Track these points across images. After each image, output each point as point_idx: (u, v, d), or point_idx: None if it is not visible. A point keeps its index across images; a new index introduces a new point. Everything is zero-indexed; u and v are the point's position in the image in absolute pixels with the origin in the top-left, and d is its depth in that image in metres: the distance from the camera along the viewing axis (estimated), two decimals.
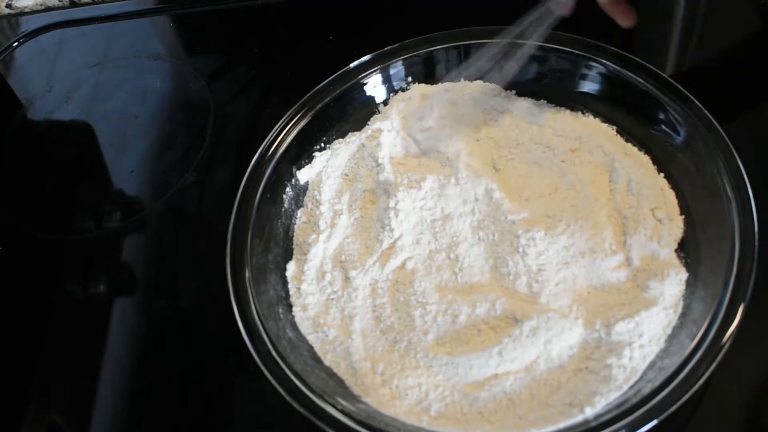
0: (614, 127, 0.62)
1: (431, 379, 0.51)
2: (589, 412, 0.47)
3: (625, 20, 0.60)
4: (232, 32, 0.85)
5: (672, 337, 0.50)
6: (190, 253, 0.67)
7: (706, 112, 0.56)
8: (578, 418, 0.47)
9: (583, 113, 0.63)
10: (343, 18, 0.81)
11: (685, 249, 0.55)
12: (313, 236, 0.60)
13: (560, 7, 0.57)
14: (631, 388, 0.48)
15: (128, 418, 0.57)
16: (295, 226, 0.61)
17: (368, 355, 0.53)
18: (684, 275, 0.53)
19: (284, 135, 0.62)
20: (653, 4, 0.79)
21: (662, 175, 0.58)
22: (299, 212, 0.62)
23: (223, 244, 0.55)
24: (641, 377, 0.48)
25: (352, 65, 0.65)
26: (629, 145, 0.60)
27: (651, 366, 0.49)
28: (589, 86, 0.63)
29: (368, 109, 0.66)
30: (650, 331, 0.50)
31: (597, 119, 0.62)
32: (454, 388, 0.50)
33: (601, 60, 0.61)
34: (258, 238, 0.57)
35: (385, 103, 0.66)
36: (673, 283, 0.52)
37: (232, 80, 0.79)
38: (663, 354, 0.49)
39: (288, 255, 0.60)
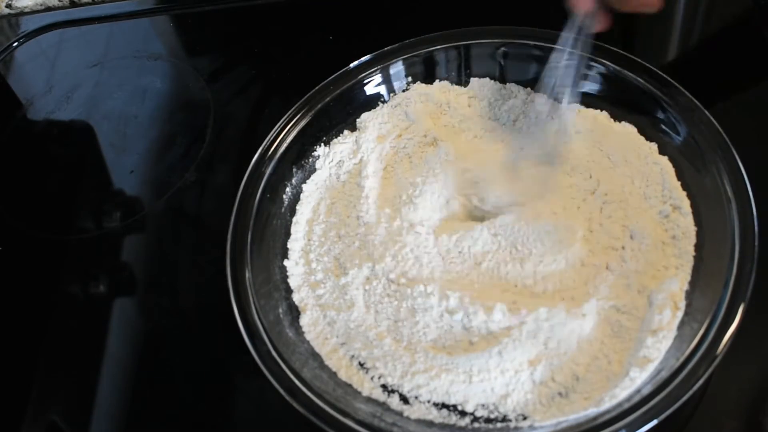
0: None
1: (431, 379, 0.51)
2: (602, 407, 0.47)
3: (650, 6, 0.54)
4: (232, 32, 0.85)
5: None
6: (190, 253, 0.67)
7: (706, 112, 0.56)
8: (590, 412, 0.47)
9: None
10: (343, 18, 0.81)
11: None
12: (314, 236, 0.60)
13: (593, 25, 0.54)
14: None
15: (128, 418, 0.57)
16: (295, 226, 0.61)
17: (368, 355, 0.53)
18: (684, 275, 0.53)
19: (284, 135, 0.62)
20: None
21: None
22: (298, 211, 0.62)
23: (223, 244, 0.56)
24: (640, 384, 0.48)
25: (352, 65, 0.65)
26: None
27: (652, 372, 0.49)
28: (589, 86, 0.63)
29: (368, 109, 0.66)
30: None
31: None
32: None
33: (601, 60, 0.61)
34: (258, 238, 0.57)
35: (385, 101, 0.66)
36: (673, 283, 0.52)
37: (232, 80, 0.79)
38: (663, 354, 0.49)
39: (287, 255, 0.60)
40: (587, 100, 0.63)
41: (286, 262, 0.59)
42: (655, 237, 0.55)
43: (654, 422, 0.44)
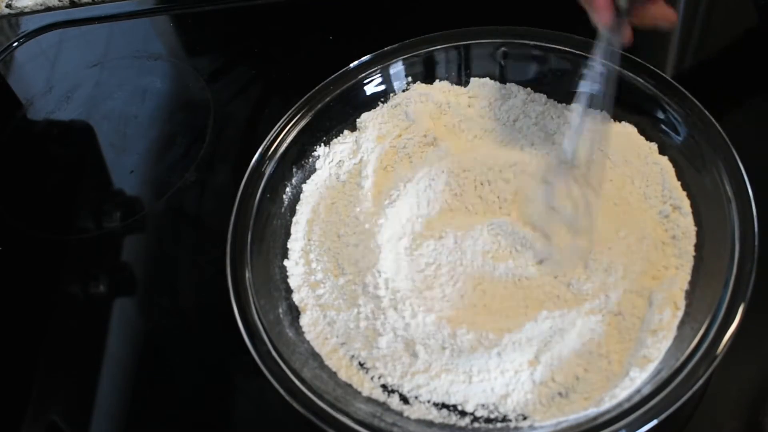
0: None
1: (431, 379, 0.51)
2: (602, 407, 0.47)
3: (667, 20, 0.55)
4: (232, 32, 0.85)
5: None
6: (190, 253, 0.67)
7: (706, 112, 0.56)
8: (590, 412, 0.47)
9: None
10: (343, 18, 0.81)
11: None
12: (314, 236, 0.60)
13: (618, 39, 0.54)
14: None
15: (128, 418, 0.57)
16: (295, 226, 0.61)
17: (368, 355, 0.53)
18: (684, 275, 0.53)
19: (284, 135, 0.62)
20: None
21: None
22: (298, 211, 0.62)
23: (223, 244, 0.56)
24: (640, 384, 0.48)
25: (352, 65, 0.65)
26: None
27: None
28: (589, 86, 0.63)
29: (368, 109, 0.66)
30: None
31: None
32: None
33: (602, 60, 0.61)
34: (258, 238, 0.57)
35: (385, 101, 0.66)
36: (673, 283, 0.52)
37: (232, 80, 0.79)
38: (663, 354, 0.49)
39: (287, 255, 0.60)
40: (587, 101, 0.63)
41: (286, 262, 0.59)
42: (655, 237, 0.55)
43: (654, 422, 0.44)
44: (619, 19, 0.53)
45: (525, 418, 0.49)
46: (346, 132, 0.65)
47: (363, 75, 0.65)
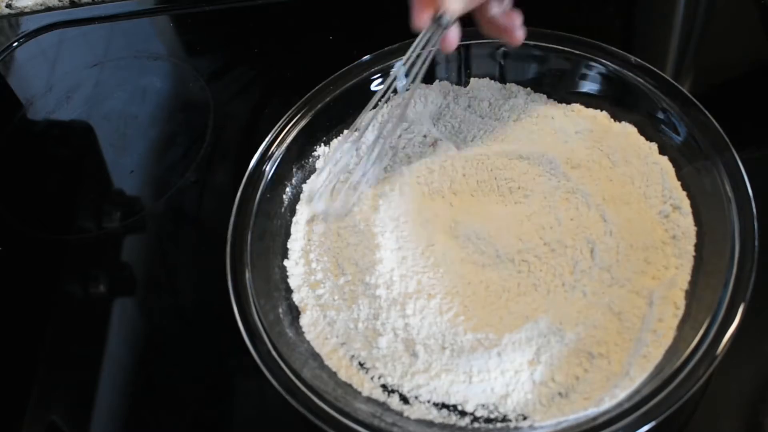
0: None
1: (431, 379, 0.51)
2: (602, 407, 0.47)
3: (511, 39, 0.56)
4: (232, 32, 0.85)
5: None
6: (190, 253, 0.67)
7: (706, 112, 0.56)
8: (590, 412, 0.47)
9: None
10: (343, 18, 0.81)
11: None
12: (314, 236, 0.60)
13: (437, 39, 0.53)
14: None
15: (128, 418, 0.57)
16: (295, 226, 0.61)
17: (368, 355, 0.53)
18: (684, 275, 0.53)
19: (284, 135, 0.62)
20: (653, 4, 0.79)
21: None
22: (298, 211, 0.62)
23: (223, 244, 0.56)
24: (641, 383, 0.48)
25: (352, 65, 0.65)
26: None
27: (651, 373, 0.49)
28: (589, 86, 0.63)
29: (368, 109, 0.66)
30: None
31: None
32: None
33: (601, 60, 0.61)
34: (258, 239, 0.57)
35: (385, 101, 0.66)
36: (673, 283, 0.52)
37: (232, 80, 0.79)
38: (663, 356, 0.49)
39: (287, 255, 0.60)
40: (587, 100, 0.63)
41: (286, 262, 0.59)
42: (655, 237, 0.55)
43: (654, 422, 0.44)
44: (439, 25, 0.52)
45: (525, 418, 0.49)
46: (346, 132, 0.65)
47: (363, 75, 0.65)
